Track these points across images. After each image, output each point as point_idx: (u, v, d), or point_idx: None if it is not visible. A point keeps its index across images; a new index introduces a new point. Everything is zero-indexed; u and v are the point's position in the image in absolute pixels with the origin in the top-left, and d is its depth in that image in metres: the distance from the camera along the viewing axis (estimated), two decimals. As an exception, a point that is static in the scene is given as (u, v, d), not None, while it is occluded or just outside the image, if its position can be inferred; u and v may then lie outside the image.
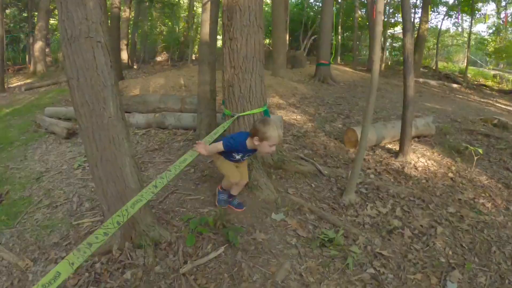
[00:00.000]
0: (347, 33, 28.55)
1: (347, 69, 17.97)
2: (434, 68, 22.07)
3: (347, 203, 4.07)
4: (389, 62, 25.43)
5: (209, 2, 5.44)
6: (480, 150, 5.41)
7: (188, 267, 2.95)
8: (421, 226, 3.80)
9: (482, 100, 13.91)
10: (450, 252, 3.47)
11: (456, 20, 26.03)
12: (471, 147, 5.54)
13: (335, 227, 3.64)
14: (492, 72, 25.57)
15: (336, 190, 4.38)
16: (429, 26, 27.08)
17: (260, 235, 3.43)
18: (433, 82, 16.92)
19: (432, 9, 25.63)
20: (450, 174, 5.17)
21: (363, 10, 25.70)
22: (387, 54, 27.63)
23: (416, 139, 6.57)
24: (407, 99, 5.35)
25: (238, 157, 3.45)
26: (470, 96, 14.70)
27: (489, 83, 20.78)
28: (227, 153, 3.44)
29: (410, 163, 5.37)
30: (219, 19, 6.15)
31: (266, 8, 24.53)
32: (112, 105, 2.81)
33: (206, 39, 5.51)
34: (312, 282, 2.92)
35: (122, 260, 3.02)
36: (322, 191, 4.36)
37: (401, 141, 5.48)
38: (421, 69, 21.39)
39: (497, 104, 13.32)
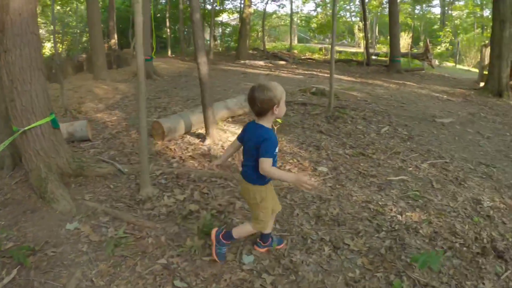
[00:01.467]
0: (177, 25, 28.53)
1: (176, 61, 18.04)
2: (262, 49, 23.35)
3: (145, 197, 4.01)
4: (220, 49, 26.27)
5: None
6: (279, 120, 5.78)
7: (-18, 298, 2.81)
8: (220, 205, 3.91)
9: (306, 72, 15.18)
10: (250, 225, 3.60)
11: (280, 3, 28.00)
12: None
13: (128, 225, 3.57)
14: (319, 46, 28.20)
15: (134, 187, 4.28)
16: (258, 9, 28.72)
17: (52, 249, 3.27)
18: (259, 62, 17.97)
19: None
20: (258, 147, 5.42)
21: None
22: (219, 40, 28.57)
23: (230, 119, 6.80)
24: (202, 81, 5.47)
25: (276, 150, 2.81)
26: (296, 70, 15.94)
27: (316, 56, 22.75)
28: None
29: (218, 144, 5.53)
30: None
31: (82, 7, 23.37)
32: None
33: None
34: (102, 285, 2.87)
35: None
36: (120, 190, 4.24)
37: (206, 125, 5.62)
38: (250, 52, 22.54)
39: (321, 74, 14.67)
